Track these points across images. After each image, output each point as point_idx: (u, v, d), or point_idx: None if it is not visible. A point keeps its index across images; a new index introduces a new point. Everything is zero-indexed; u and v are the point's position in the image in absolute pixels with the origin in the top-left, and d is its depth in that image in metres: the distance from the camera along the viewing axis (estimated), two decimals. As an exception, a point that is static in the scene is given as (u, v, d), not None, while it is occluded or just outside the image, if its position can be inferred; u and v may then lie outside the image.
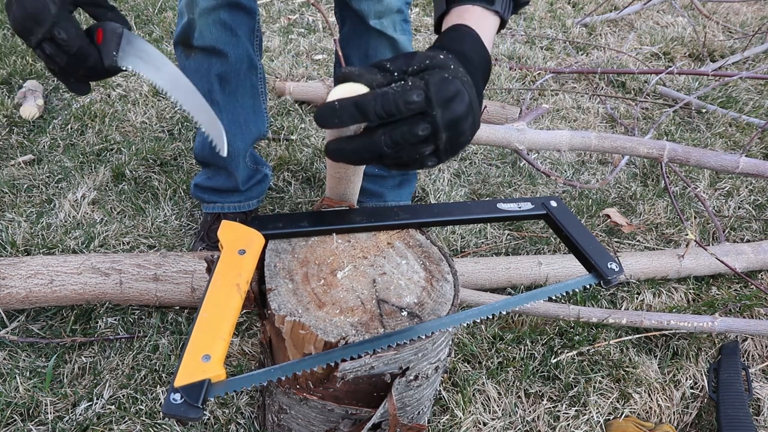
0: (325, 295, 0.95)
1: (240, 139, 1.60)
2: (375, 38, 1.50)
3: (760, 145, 2.31)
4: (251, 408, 1.34)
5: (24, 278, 1.44)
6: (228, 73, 1.49)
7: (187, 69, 1.49)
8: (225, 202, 1.71)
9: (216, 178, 1.68)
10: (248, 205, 1.74)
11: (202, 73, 1.48)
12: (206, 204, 1.72)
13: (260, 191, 1.77)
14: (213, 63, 1.47)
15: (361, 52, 1.54)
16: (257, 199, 1.77)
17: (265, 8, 3.10)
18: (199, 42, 1.43)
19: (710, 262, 1.68)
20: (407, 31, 1.55)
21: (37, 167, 2.01)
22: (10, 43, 2.62)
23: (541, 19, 3.19)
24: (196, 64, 1.48)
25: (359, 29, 1.50)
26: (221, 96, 1.52)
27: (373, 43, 1.50)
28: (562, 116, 2.40)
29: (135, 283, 1.46)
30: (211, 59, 1.46)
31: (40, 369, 1.40)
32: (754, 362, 1.54)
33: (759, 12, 3.42)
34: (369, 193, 1.79)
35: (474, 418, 1.35)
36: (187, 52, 1.47)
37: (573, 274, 1.64)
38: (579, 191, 2.02)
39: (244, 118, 1.59)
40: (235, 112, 1.56)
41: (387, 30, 1.49)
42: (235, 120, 1.58)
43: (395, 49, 1.52)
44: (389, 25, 1.49)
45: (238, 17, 1.44)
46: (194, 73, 1.49)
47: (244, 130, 1.61)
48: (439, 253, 1.06)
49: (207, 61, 1.46)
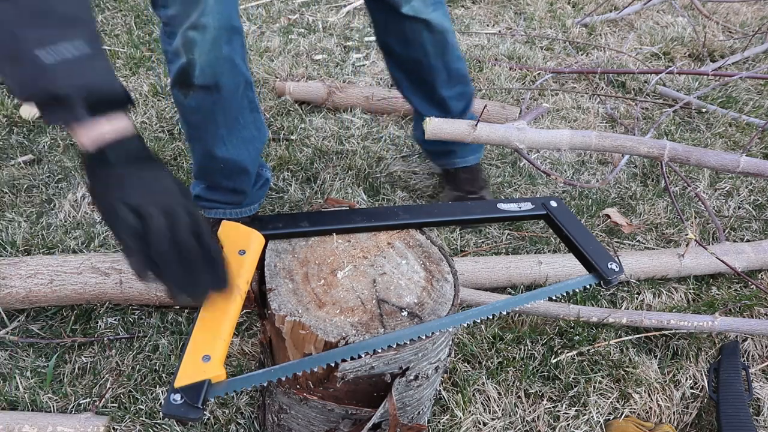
0: (325, 295, 0.95)
1: (247, 158, 1.60)
2: (410, 24, 1.54)
3: (760, 145, 2.31)
4: (251, 408, 1.34)
5: (24, 278, 1.44)
6: (229, 102, 1.47)
7: (187, 108, 1.46)
8: (226, 209, 1.70)
9: (217, 193, 1.66)
10: (249, 210, 1.74)
11: (205, 110, 1.46)
12: (207, 210, 1.71)
13: (261, 195, 1.78)
14: (215, 98, 1.44)
15: (400, 40, 1.60)
16: (258, 203, 1.77)
17: (265, 8, 3.10)
18: (200, 80, 1.38)
19: (710, 262, 1.68)
20: (439, 5, 1.57)
21: (37, 167, 2.01)
22: (10, 43, 2.62)
23: (541, 19, 3.19)
24: (196, 102, 1.44)
25: (393, 18, 1.54)
26: (225, 128, 1.51)
27: (409, 28, 1.55)
28: (562, 116, 2.40)
29: (135, 282, 1.46)
30: (212, 95, 1.43)
31: (40, 369, 1.40)
32: (754, 362, 1.54)
33: (759, 12, 3.42)
34: (438, 153, 1.90)
35: (474, 418, 1.35)
36: (185, 91, 1.43)
37: (573, 273, 1.64)
38: (579, 191, 2.02)
39: (249, 135, 1.58)
40: (241, 135, 1.55)
41: (420, 14, 1.52)
42: (241, 142, 1.56)
43: (431, 29, 1.55)
44: (420, 8, 1.52)
45: (235, 42, 1.40)
46: (196, 112, 1.46)
47: (251, 147, 1.60)
48: (439, 253, 1.06)
49: (208, 98, 1.43)
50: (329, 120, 2.30)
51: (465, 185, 1.90)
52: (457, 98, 1.74)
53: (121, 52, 2.62)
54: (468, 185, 1.90)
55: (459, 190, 1.90)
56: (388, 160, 2.10)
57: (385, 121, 2.32)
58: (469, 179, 1.91)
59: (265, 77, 2.51)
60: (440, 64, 1.65)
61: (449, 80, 1.70)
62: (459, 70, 1.72)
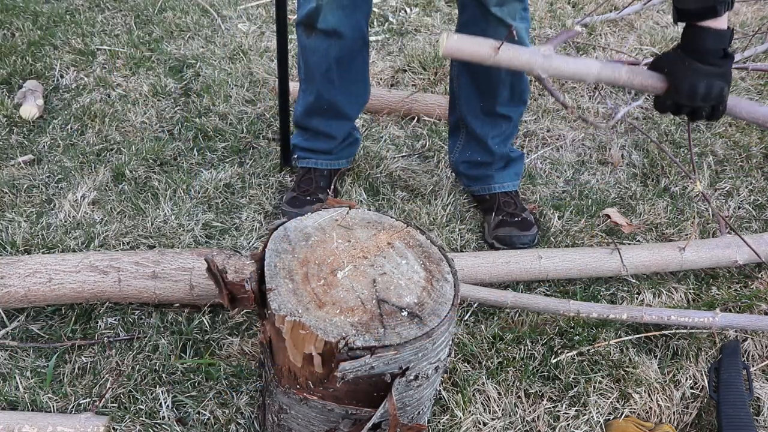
0: (325, 295, 0.95)
1: (351, 110, 1.81)
2: (494, 25, 1.54)
3: (759, 145, 2.31)
4: (251, 408, 1.34)
5: (22, 277, 1.43)
6: (344, 53, 1.67)
7: (308, 48, 1.68)
8: (318, 158, 1.88)
9: (314, 141, 1.86)
10: (339, 163, 1.91)
11: (321, 53, 1.66)
12: (301, 159, 1.90)
13: (351, 153, 1.95)
14: (332, 44, 1.64)
15: None
16: (347, 159, 1.94)
17: (265, 8, 3.10)
18: (323, 25, 1.60)
19: (711, 255, 1.67)
20: (525, 19, 1.60)
21: (37, 167, 2.01)
22: (10, 43, 2.62)
23: (541, 19, 3.19)
24: (316, 43, 1.65)
25: (479, 15, 1.56)
26: (337, 74, 1.70)
27: (491, 30, 1.53)
28: (561, 116, 2.40)
29: (133, 281, 1.46)
30: (330, 40, 1.63)
31: (40, 369, 1.40)
32: (754, 362, 1.54)
33: (759, 12, 3.41)
34: (475, 178, 1.90)
35: (474, 418, 1.35)
36: (308, 32, 1.64)
37: (574, 267, 1.64)
38: (579, 191, 2.02)
39: (356, 90, 1.79)
40: (349, 88, 1.75)
41: (507, 18, 1.53)
42: (348, 94, 1.76)
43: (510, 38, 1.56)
44: (509, 14, 1.53)
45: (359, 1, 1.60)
46: (314, 53, 1.67)
47: (355, 101, 1.81)
48: (439, 253, 1.06)
49: (327, 42, 1.63)
50: (329, 120, 2.30)
51: (504, 208, 1.83)
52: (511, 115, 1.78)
53: (121, 52, 2.62)
54: (509, 208, 1.83)
55: (500, 213, 1.82)
56: (388, 160, 2.10)
57: (385, 121, 2.32)
58: (509, 203, 1.84)
59: (265, 77, 2.51)
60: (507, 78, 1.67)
61: (511, 98, 1.73)
62: (523, 93, 1.75)
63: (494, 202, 1.86)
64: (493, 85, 1.70)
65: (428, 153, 2.17)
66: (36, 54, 2.56)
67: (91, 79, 2.44)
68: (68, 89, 2.37)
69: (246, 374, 1.40)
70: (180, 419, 1.32)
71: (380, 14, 3.10)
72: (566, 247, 1.76)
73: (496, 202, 1.85)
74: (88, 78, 2.45)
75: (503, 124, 1.78)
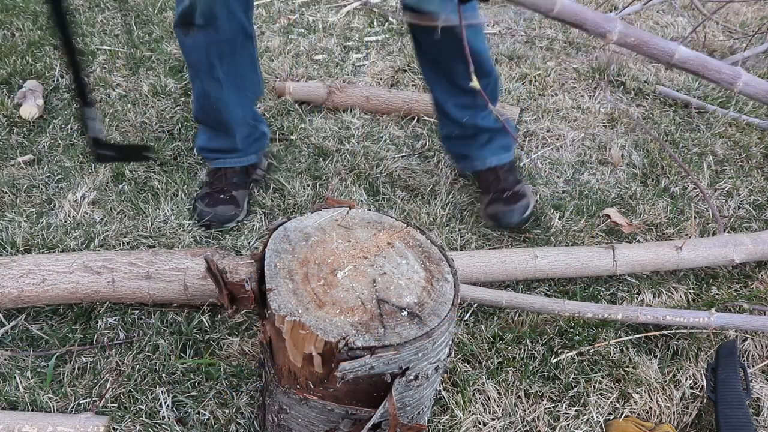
0: (325, 295, 0.96)
1: (240, 107, 1.77)
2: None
3: (759, 145, 2.31)
4: (251, 408, 1.34)
5: (16, 278, 1.43)
6: (225, 47, 1.64)
7: (188, 47, 1.65)
8: (226, 157, 1.87)
9: (216, 140, 1.84)
10: (248, 159, 1.89)
11: (201, 49, 1.63)
12: (209, 160, 1.91)
13: (258, 147, 1.92)
14: (210, 39, 1.61)
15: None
16: (255, 155, 1.91)
17: (264, 8, 3.10)
18: (199, 21, 1.57)
19: (708, 254, 1.67)
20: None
21: (37, 167, 2.00)
22: (10, 43, 2.62)
23: (541, 19, 3.19)
24: (194, 41, 1.62)
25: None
26: (221, 71, 1.67)
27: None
28: (561, 116, 2.40)
29: (127, 281, 1.46)
30: (207, 34, 1.60)
31: (40, 369, 1.40)
32: (753, 362, 1.54)
33: (759, 12, 3.41)
34: (459, 157, 1.91)
35: (474, 418, 1.35)
36: (185, 30, 1.61)
37: (570, 266, 1.64)
38: (579, 191, 2.02)
39: (243, 86, 1.76)
40: (235, 83, 1.72)
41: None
42: (235, 90, 1.73)
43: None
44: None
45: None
46: (193, 51, 1.65)
47: (244, 97, 1.78)
48: (439, 253, 1.06)
49: (204, 37, 1.60)
50: (329, 120, 2.30)
51: (495, 184, 1.84)
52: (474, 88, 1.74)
53: (121, 52, 2.62)
54: (498, 184, 1.84)
55: (490, 191, 1.85)
56: (388, 160, 2.10)
57: (385, 121, 2.32)
58: (498, 179, 1.85)
59: (265, 77, 2.51)
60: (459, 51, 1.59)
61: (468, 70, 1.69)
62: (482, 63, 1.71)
63: (483, 180, 1.89)
64: (445, 60, 1.68)
65: (428, 153, 2.17)
66: (36, 54, 2.56)
67: (91, 79, 2.44)
68: (68, 89, 2.37)
69: (246, 374, 1.41)
70: (180, 419, 1.32)
71: (380, 14, 3.10)
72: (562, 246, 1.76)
73: (484, 180, 1.89)
74: (87, 78, 2.45)
75: (468, 96, 1.74)
